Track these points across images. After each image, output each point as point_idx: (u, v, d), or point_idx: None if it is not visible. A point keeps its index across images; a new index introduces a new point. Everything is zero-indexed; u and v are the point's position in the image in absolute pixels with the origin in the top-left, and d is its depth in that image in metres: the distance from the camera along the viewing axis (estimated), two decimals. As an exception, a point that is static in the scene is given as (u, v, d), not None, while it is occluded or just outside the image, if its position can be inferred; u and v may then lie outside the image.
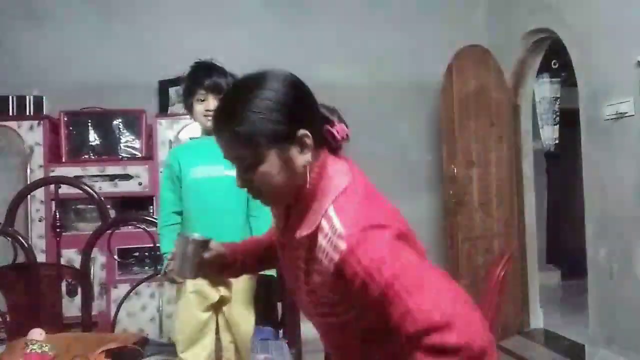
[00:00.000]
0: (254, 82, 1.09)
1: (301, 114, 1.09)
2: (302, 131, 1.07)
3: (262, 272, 2.00)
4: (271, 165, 1.07)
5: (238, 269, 1.40)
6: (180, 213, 2.00)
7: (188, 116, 3.68)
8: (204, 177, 1.96)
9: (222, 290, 1.98)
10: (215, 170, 1.96)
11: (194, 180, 1.96)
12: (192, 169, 1.97)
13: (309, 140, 1.07)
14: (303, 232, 1.08)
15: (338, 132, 1.13)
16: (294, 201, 1.13)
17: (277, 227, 1.24)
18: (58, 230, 2.76)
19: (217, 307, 2.02)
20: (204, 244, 1.28)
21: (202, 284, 1.97)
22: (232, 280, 1.98)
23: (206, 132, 2.06)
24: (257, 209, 2.04)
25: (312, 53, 4.22)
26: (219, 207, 1.95)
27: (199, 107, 2.00)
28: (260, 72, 1.11)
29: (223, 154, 1.12)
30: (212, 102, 1.99)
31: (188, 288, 1.96)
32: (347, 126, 1.16)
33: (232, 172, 1.97)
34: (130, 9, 4.25)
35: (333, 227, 1.03)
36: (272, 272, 1.98)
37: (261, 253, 1.42)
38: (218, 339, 2.05)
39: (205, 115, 1.99)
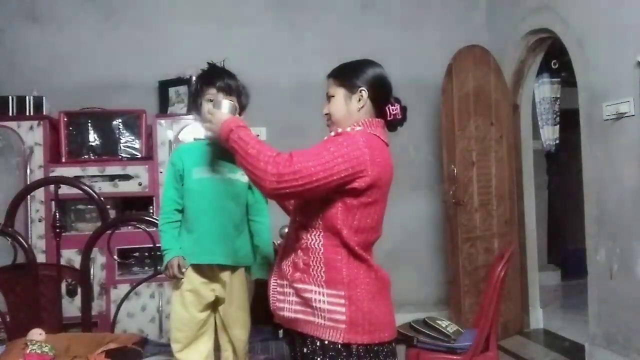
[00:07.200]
0: (367, 63, 1.72)
1: (376, 89, 1.67)
2: (362, 89, 1.66)
3: (260, 277, 2.01)
4: (338, 100, 1.68)
5: None
6: (181, 211, 2.00)
7: (189, 116, 3.77)
8: (206, 178, 1.96)
9: (217, 290, 1.98)
10: (219, 172, 1.96)
11: (196, 180, 1.96)
12: (196, 169, 1.97)
13: (364, 95, 1.66)
14: None
15: (391, 110, 1.70)
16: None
17: None
18: (58, 230, 2.76)
19: (214, 307, 2.02)
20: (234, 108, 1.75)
21: (198, 282, 1.97)
22: (227, 281, 1.98)
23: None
24: (257, 213, 2.04)
25: (311, 53, 4.22)
26: (219, 208, 1.95)
27: (208, 107, 1.97)
28: (372, 62, 1.72)
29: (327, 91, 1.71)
30: None
31: (185, 286, 1.96)
32: (404, 112, 1.72)
33: (235, 175, 1.98)
34: (130, 9, 4.25)
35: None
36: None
37: None
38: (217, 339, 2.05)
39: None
